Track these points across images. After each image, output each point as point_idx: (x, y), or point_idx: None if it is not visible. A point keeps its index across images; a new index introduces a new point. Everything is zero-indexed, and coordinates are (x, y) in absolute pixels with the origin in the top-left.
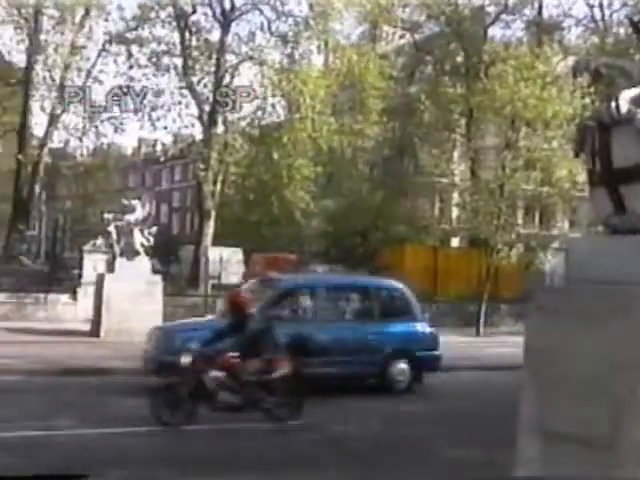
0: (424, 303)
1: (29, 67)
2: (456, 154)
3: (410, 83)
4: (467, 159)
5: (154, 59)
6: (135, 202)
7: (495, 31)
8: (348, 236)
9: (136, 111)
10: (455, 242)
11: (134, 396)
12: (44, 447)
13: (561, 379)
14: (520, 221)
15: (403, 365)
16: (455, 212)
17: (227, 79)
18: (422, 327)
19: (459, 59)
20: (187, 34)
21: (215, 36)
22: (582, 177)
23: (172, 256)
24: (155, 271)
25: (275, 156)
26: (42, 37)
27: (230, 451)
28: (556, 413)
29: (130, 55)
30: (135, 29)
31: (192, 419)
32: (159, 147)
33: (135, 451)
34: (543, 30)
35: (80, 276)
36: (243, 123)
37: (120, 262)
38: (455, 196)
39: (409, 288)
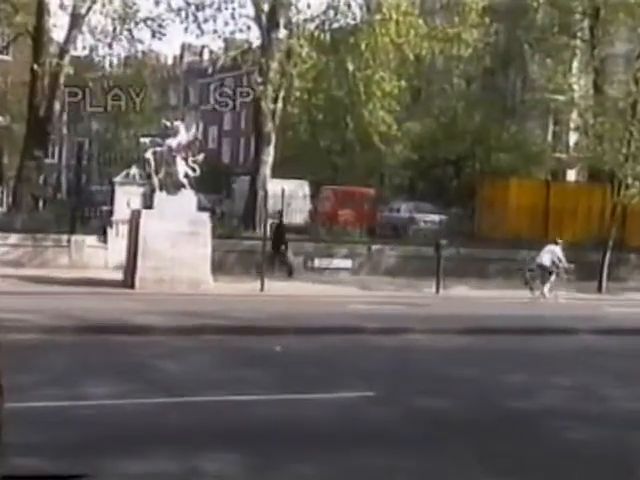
0: (532, 250)
1: None
2: (576, 65)
3: None
4: (590, 71)
5: None
6: (178, 123)
7: None
8: (438, 167)
9: (179, 11)
10: (572, 175)
11: (176, 359)
12: (71, 421)
13: None
14: None
15: None
16: (573, 138)
17: None
18: None
19: None
20: None
21: None
22: None
23: (223, 190)
24: (202, 208)
25: (350, 67)
26: None
27: (288, 426)
28: None
29: None
30: None
31: None
32: (206, 56)
33: (179, 427)
34: None
35: (111, 213)
36: (311, 26)
37: (160, 196)
38: (574, 117)
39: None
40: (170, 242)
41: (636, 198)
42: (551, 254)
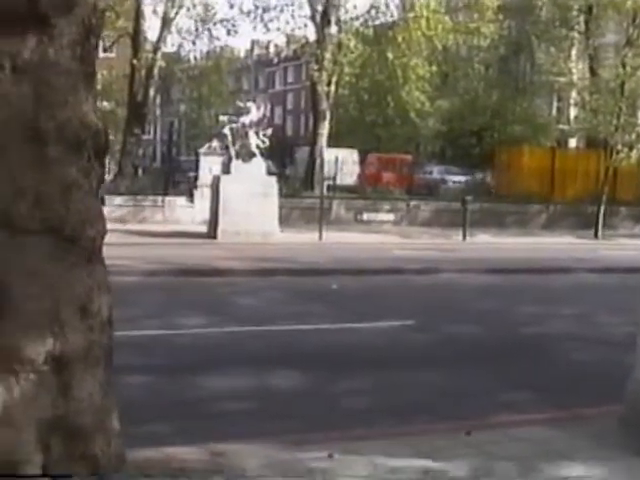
0: (541, 205)
1: None
2: (574, 52)
3: None
4: (586, 57)
5: None
6: (250, 104)
7: None
8: (463, 136)
9: (249, 13)
10: (573, 143)
11: (252, 296)
12: (167, 346)
13: None
14: None
15: None
16: (573, 112)
17: None
18: None
19: None
20: None
21: None
22: None
23: (287, 158)
24: (270, 173)
25: (389, 56)
26: None
27: (344, 349)
28: None
29: None
30: None
31: None
32: (272, 49)
33: (256, 350)
34: None
35: (196, 178)
36: (357, 23)
37: (236, 164)
38: (573, 95)
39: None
40: (245, 201)
41: (625, 161)
42: None
